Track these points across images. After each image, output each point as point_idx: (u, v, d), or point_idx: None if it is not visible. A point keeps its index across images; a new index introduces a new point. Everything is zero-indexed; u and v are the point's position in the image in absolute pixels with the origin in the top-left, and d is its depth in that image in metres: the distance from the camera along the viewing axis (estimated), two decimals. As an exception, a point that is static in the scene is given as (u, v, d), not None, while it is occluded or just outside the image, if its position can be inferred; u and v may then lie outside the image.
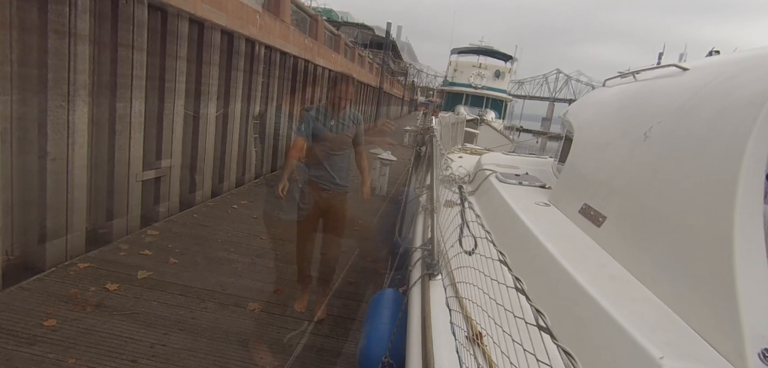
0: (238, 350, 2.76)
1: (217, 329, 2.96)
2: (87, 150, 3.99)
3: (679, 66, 2.16)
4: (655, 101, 2.14)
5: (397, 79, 30.24)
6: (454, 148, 6.73)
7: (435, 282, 1.57)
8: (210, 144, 6.22)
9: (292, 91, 9.20)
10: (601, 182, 2.06)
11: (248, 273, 3.89)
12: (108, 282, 3.30)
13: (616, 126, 2.36)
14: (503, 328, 0.98)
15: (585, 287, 1.36)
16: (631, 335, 1.12)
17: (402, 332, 1.55)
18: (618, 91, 2.82)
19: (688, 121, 1.68)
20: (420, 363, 1.18)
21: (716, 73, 1.76)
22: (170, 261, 3.86)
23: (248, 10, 6.69)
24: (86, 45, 3.81)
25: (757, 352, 1.03)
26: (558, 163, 3.45)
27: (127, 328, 2.80)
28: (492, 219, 2.40)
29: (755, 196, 1.23)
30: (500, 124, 20.33)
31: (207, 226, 4.93)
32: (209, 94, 6.02)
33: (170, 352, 2.65)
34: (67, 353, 2.49)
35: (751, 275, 1.12)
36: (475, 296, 1.24)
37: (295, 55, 8.98)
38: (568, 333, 1.21)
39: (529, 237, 1.87)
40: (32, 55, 3.41)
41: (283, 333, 3.02)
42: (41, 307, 2.87)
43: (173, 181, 5.38)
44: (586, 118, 2.92)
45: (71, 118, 3.72)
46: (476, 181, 3.29)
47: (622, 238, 1.68)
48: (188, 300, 3.26)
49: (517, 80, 61.34)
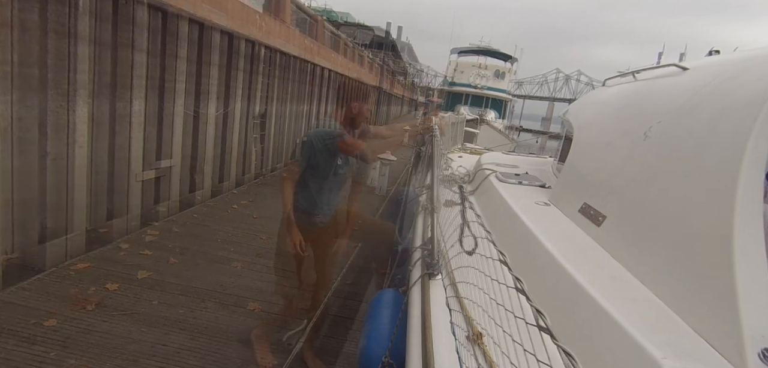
0: (238, 350, 2.77)
1: (217, 329, 2.96)
2: (87, 150, 3.99)
3: (679, 66, 2.16)
4: (655, 101, 2.14)
5: (397, 78, 30.25)
6: (454, 148, 6.73)
7: (435, 282, 1.57)
8: (210, 144, 6.22)
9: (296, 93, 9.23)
10: (601, 182, 2.06)
11: (248, 273, 3.89)
12: (108, 282, 3.30)
13: (616, 125, 2.36)
14: (503, 328, 0.98)
15: (585, 287, 1.36)
16: (631, 335, 1.12)
17: (402, 332, 1.55)
18: (618, 91, 2.82)
19: (688, 120, 1.68)
20: (420, 363, 1.18)
21: (716, 73, 1.76)
22: (170, 261, 3.87)
23: (249, 11, 6.70)
24: (86, 45, 3.81)
25: (757, 352, 1.03)
26: (558, 162, 3.45)
27: (128, 328, 2.81)
28: (492, 218, 2.40)
29: (755, 196, 1.23)
30: (501, 123, 20.36)
31: (207, 226, 4.93)
32: (209, 93, 6.02)
33: (170, 352, 2.65)
34: (68, 353, 2.50)
35: (751, 275, 1.12)
36: (476, 296, 1.24)
37: (296, 55, 8.99)
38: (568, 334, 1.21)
39: (529, 236, 1.87)
40: (33, 56, 3.41)
41: (282, 331, 3.03)
42: (41, 307, 2.88)
43: (173, 181, 5.39)
44: (586, 117, 2.92)
45: (71, 118, 3.72)
46: (476, 181, 3.29)
47: (622, 238, 1.68)
48: (188, 300, 3.26)
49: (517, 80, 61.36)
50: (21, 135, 3.43)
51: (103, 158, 4.28)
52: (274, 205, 6.04)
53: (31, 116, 3.45)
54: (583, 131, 2.73)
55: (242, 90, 7.01)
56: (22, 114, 3.41)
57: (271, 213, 5.68)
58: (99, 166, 4.25)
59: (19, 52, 3.33)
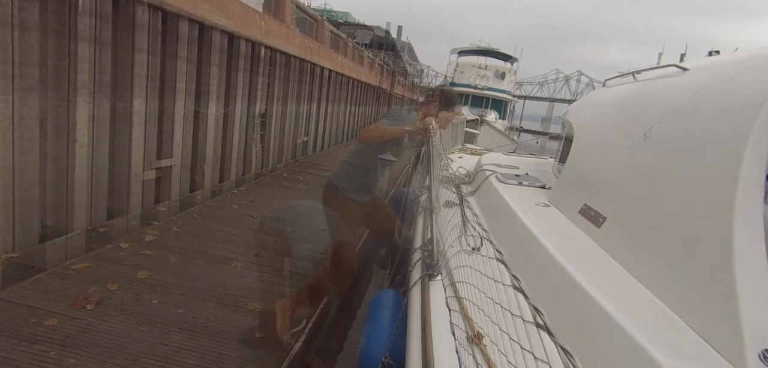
0: (237, 349, 2.77)
1: (217, 328, 2.96)
2: (87, 149, 4.02)
3: (679, 66, 2.16)
4: (655, 101, 2.14)
5: (398, 78, 30.28)
6: (454, 148, 6.73)
7: (435, 282, 1.57)
8: (210, 143, 6.24)
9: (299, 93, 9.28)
10: (601, 182, 2.06)
11: (248, 273, 3.88)
12: (108, 282, 3.30)
13: (617, 126, 2.36)
14: (501, 328, 0.98)
15: (585, 288, 1.36)
16: (631, 336, 1.12)
17: (402, 332, 1.55)
18: (618, 91, 2.82)
19: (688, 121, 1.68)
20: (420, 364, 1.18)
21: (716, 74, 1.75)
22: (170, 261, 3.86)
23: (249, 11, 6.71)
24: (86, 45, 3.82)
25: (758, 353, 1.02)
26: (558, 163, 3.45)
27: (127, 327, 2.81)
28: (492, 219, 2.40)
29: (755, 196, 1.23)
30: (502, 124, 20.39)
31: (207, 226, 4.92)
32: (210, 93, 6.04)
33: (170, 351, 2.65)
34: (68, 352, 2.50)
35: (751, 275, 1.12)
36: (475, 296, 1.24)
37: (296, 55, 9.01)
38: (568, 334, 1.20)
39: (529, 237, 1.87)
40: (33, 56, 3.42)
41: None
42: (42, 306, 2.88)
43: (174, 181, 5.39)
44: (586, 118, 2.92)
45: (72, 118, 3.74)
46: (476, 182, 3.29)
47: (622, 239, 1.68)
48: (188, 300, 3.26)
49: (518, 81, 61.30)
50: (22, 134, 3.45)
51: (103, 158, 4.30)
52: (274, 205, 6.04)
53: (31, 116, 3.48)
54: (583, 132, 2.73)
55: (242, 90, 7.05)
56: (22, 113, 3.42)
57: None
58: (99, 166, 4.28)
59: (19, 52, 3.34)
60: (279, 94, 8.55)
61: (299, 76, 9.50)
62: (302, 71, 9.63)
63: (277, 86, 8.36)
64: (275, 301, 2.90)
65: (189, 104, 5.65)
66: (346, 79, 14.07)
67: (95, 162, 4.21)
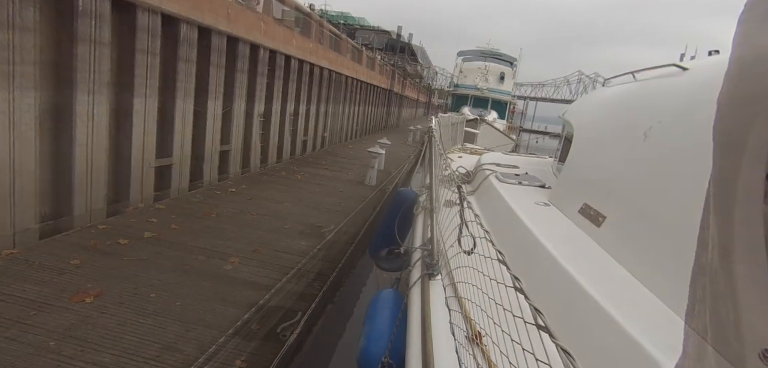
0: (219, 285, 3.42)
1: (205, 272, 3.61)
2: (107, 139, 4.80)
3: (679, 65, 2.15)
4: (654, 101, 2.14)
5: (412, 81, 30.44)
6: (454, 148, 6.74)
7: (435, 282, 1.57)
8: (215, 138, 6.85)
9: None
10: (600, 182, 2.06)
11: (234, 238, 4.47)
12: (120, 238, 4.07)
13: (616, 126, 2.36)
14: (502, 328, 0.98)
15: (585, 287, 1.36)
16: (630, 335, 1.12)
17: (402, 332, 1.55)
18: (618, 91, 2.81)
19: (687, 120, 1.68)
20: (420, 363, 1.18)
21: (716, 73, 1.75)
22: (171, 227, 4.57)
23: (286, 32, 8.28)
24: (107, 50, 4.55)
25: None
26: (558, 162, 3.45)
27: (135, 268, 3.52)
28: (492, 219, 2.39)
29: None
30: (502, 124, 20.49)
31: (206, 204, 5.57)
32: (213, 92, 6.61)
33: (167, 284, 3.34)
34: (87, 281, 3.24)
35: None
36: (475, 296, 1.24)
37: (313, 62, 9.75)
38: (568, 334, 1.20)
39: (529, 237, 1.87)
40: (63, 59, 4.14)
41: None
42: (68, 253, 3.64)
43: (183, 169, 6.09)
44: (586, 117, 2.91)
45: (95, 111, 4.50)
46: (476, 181, 3.29)
47: (622, 238, 1.68)
48: (182, 253, 3.94)
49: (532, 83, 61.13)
50: (53, 124, 4.20)
51: (121, 146, 5.02)
52: (274, 196, 6.33)
53: (61, 109, 4.20)
54: (582, 131, 2.73)
55: (247, 90, 7.61)
56: (54, 106, 4.18)
57: (270, 204, 5.97)
58: (118, 153, 5.03)
59: (51, 56, 4.06)
60: (278, 94, 8.78)
61: (322, 81, 10.18)
62: (328, 78, 10.36)
63: (278, 87, 8.65)
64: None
65: (198, 102, 6.40)
66: (350, 81, 14.25)
67: (114, 149, 4.94)
